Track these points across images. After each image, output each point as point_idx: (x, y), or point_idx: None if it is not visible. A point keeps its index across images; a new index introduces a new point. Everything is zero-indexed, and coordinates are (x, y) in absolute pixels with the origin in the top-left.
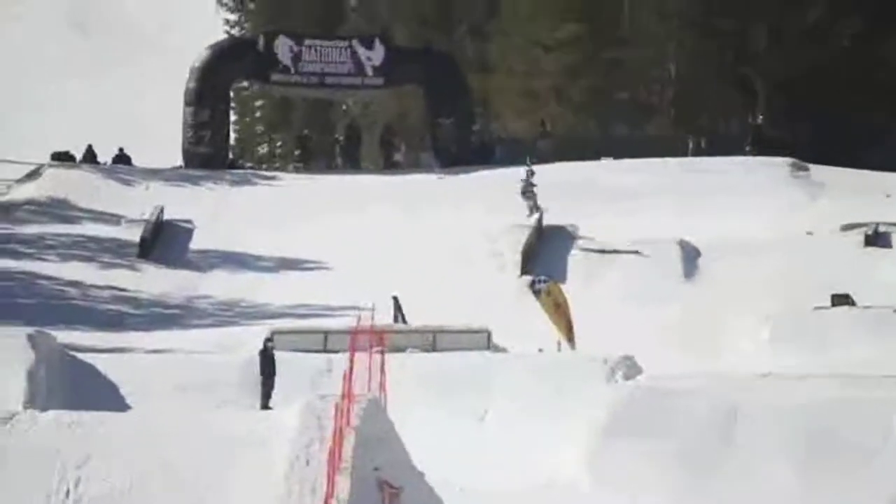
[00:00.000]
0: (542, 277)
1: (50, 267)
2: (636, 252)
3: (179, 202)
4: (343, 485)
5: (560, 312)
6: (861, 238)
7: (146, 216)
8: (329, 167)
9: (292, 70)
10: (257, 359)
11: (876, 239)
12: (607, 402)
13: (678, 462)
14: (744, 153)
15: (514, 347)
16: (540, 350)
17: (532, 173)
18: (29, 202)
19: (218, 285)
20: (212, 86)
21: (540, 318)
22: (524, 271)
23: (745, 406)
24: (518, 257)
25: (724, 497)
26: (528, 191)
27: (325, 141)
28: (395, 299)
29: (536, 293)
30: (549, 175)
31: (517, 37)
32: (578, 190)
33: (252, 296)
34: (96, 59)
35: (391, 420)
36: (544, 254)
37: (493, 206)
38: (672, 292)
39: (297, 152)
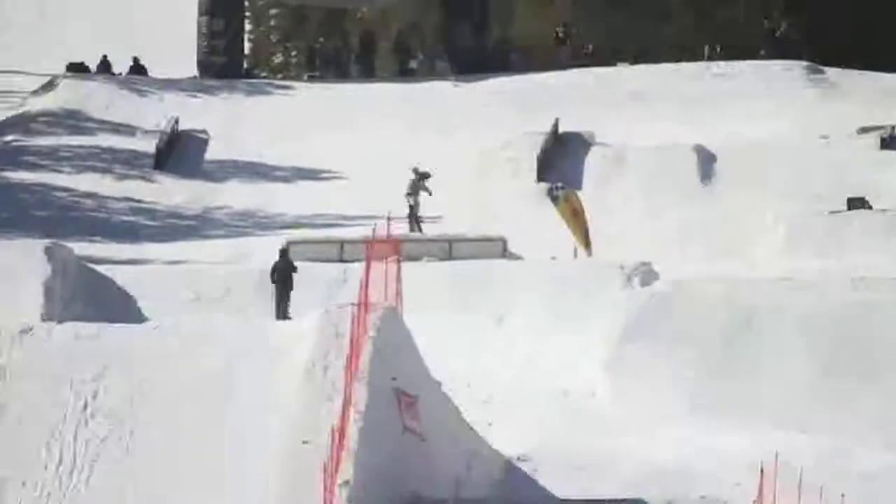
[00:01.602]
0: (559, 184)
1: (65, 178)
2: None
3: (194, 113)
4: (360, 393)
5: (577, 219)
6: (877, 141)
7: (161, 127)
8: (344, 76)
9: None
10: (272, 269)
11: (891, 142)
12: (624, 309)
13: (696, 368)
14: (759, 57)
15: (531, 255)
16: (553, 258)
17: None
18: (44, 113)
19: (233, 196)
20: None
21: (556, 226)
22: (540, 178)
23: (762, 310)
24: (534, 164)
25: (742, 401)
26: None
27: (339, 49)
28: (412, 208)
29: (553, 200)
30: (566, 80)
31: None
32: (595, 96)
33: (267, 206)
34: None
35: (408, 328)
36: (560, 160)
37: (508, 114)
38: (688, 197)
39: (311, 61)
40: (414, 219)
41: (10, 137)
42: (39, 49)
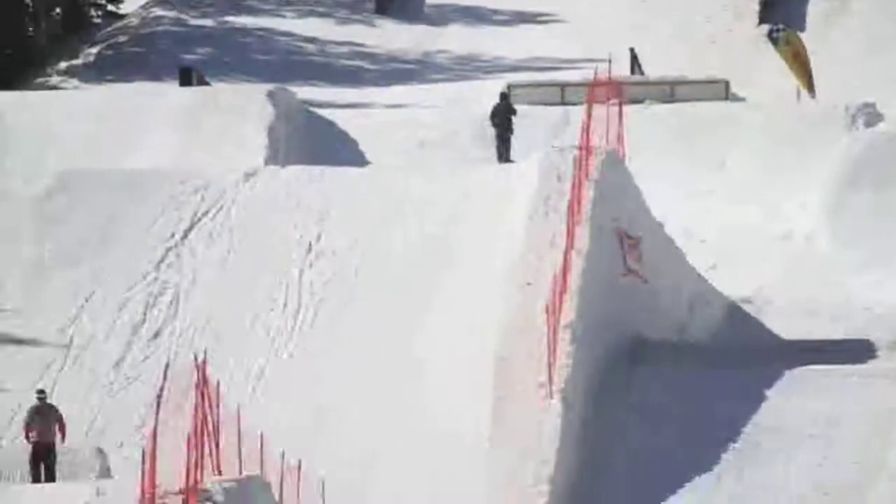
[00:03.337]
0: (780, 26)
1: (287, 23)
2: None
3: None
4: (582, 236)
5: (799, 61)
6: None
7: None
8: None
9: None
10: (492, 112)
11: None
12: (847, 151)
13: None
14: None
15: (753, 98)
16: (776, 100)
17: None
18: None
19: (454, 40)
20: None
21: (778, 68)
22: (762, 20)
23: None
24: (755, 6)
25: None
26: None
27: None
28: (632, 51)
29: (774, 42)
30: None
31: None
32: None
33: (488, 50)
34: None
35: (629, 171)
36: (782, 2)
37: None
38: None
39: None
40: (635, 62)
41: None
42: None
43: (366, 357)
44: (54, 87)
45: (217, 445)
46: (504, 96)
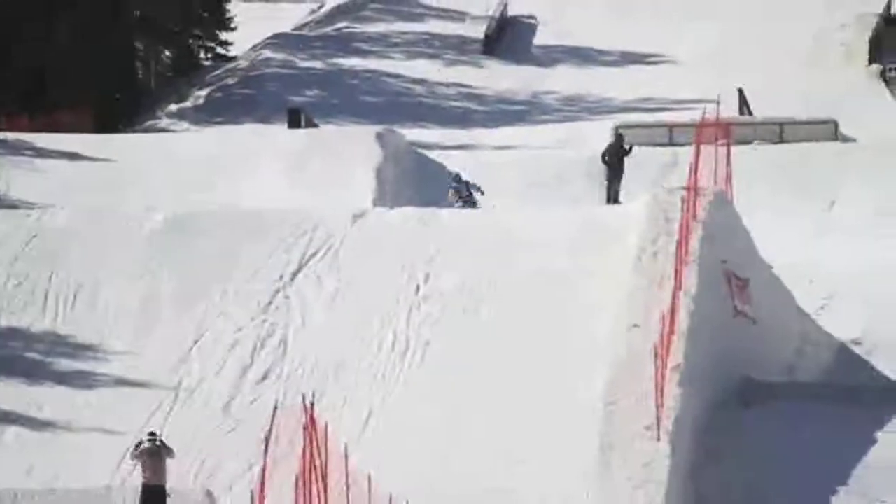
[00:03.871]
0: (893, 66)
1: (395, 65)
2: None
3: None
4: (690, 277)
5: None
6: None
7: (490, 12)
8: None
9: None
10: (604, 151)
11: None
12: None
13: None
14: None
15: (863, 137)
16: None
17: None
18: (374, 0)
19: (562, 80)
20: None
21: (890, 107)
22: (872, 60)
23: None
24: (865, 46)
25: None
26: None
27: None
28: (741, 91)
29: (887, 81)
30: None
31: None
32: None
33: (597, 90)
34: None
35: (737, 212)
36: (894, 41)
37: None
38: None
39: None
40: (744, 103)
41: (341, 24)
42: None
43: (473, 398)
44: (164, 130)
45: (325, 488)
46: (619, 136)
